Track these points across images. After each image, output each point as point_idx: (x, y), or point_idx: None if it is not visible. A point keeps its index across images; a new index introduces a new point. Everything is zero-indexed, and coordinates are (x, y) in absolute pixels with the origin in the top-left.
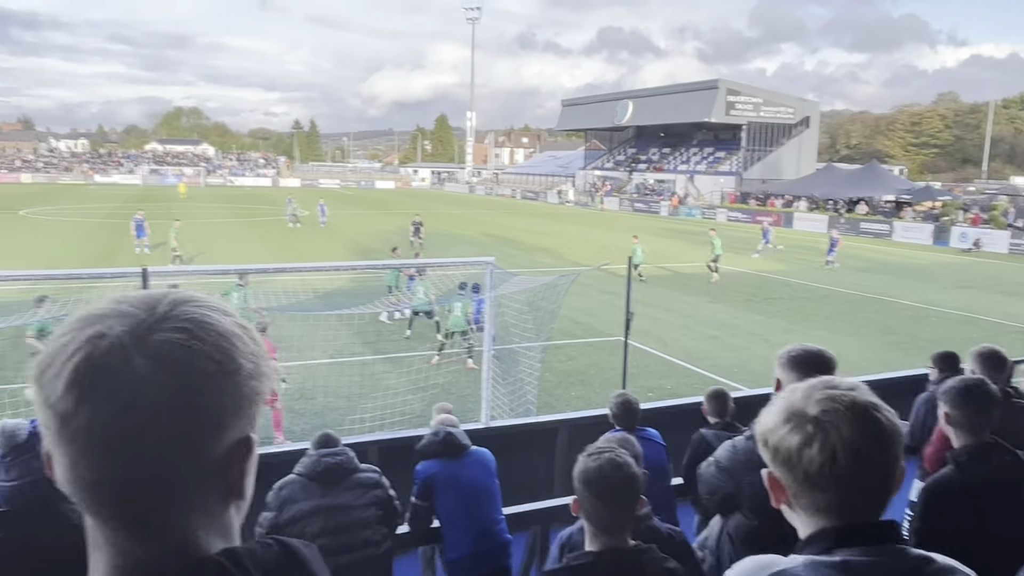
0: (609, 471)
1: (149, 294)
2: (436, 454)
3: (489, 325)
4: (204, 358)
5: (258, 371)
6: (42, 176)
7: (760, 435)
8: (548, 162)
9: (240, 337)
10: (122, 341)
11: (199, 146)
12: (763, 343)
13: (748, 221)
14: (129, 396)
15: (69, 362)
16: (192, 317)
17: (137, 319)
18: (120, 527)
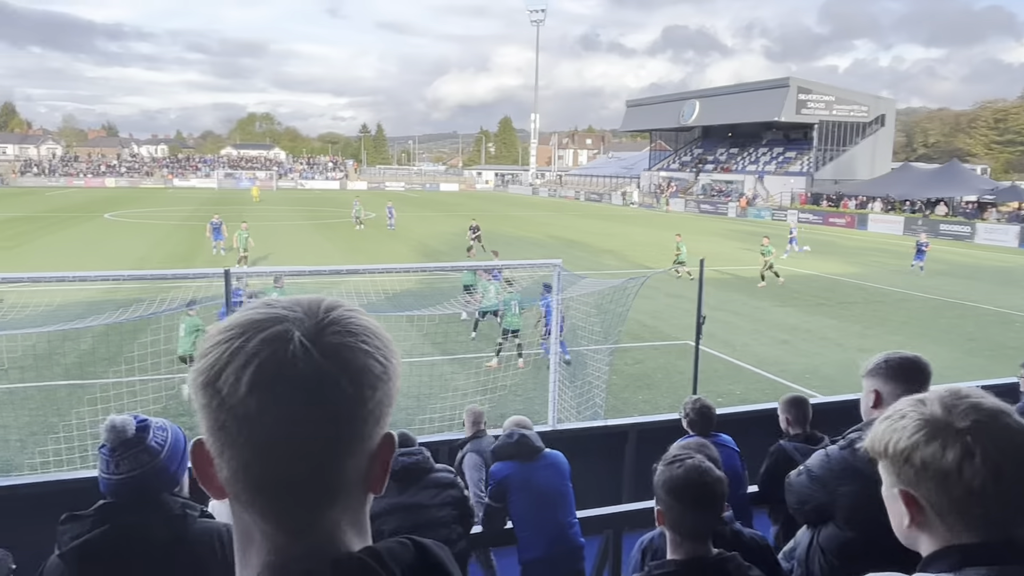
0: (695, 477)
1: (299, 299)
2: (510, 456)
3: (555, 328)
4: (373, 359)
5: (399, 372)
6: (125, 180)
7: (896, 452)
8: (612, 163)
9: (390, 340)
10: (303, 343)
11: (271, 150)
12: (836, 348)
13: (820, 223)
14: (312, 397)
15: (250, 364)
16: (354, 320)
17: (304, 322)
18: (280, 523)
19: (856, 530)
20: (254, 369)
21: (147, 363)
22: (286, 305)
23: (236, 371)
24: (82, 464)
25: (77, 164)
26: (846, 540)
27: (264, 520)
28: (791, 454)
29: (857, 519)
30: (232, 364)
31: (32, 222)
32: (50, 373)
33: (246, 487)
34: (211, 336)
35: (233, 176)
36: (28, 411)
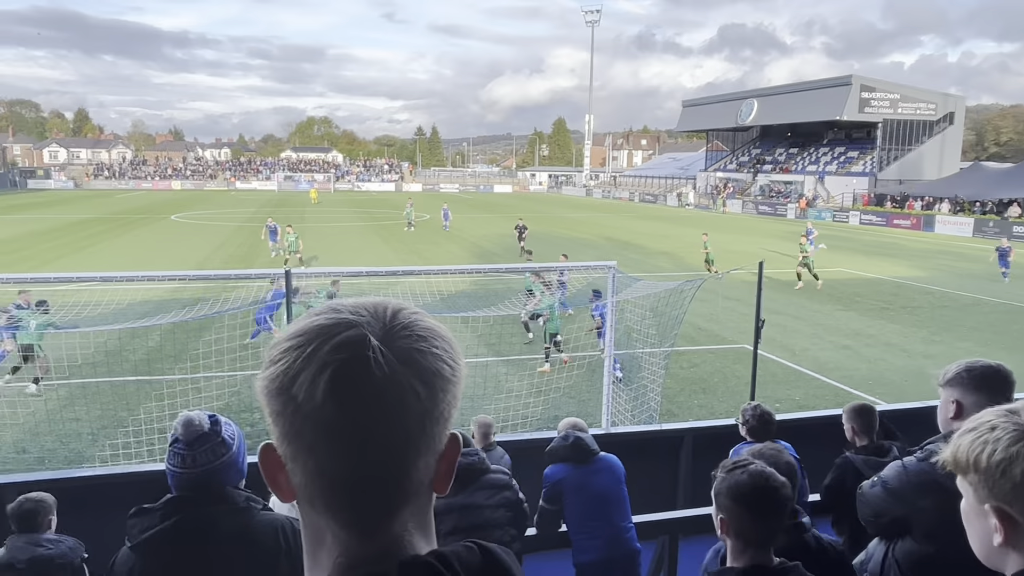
0: (761, 483)
1: (362, 303)
2: (565, 458)
3: (610, 330)
4: (442, 362)
5: (465, 372)
6: (190, 183)
7: (991, 466)
8: (667, 164)
9: (456, 341)
10: (379, 349)
11: (329, 153)
12: (901, 354)
13: (883, 224)
14: (388, 401)
15: (325, 371)
16: (422, 323)
17: (374, 326)
18: (353, 526)
19: (935, 545)
20: (330, 375)
21: (211, 360)
22: (352, 310)
23: (311, 377)
24: (149, 458)
25: (145, 167)
26: (924, 555)
27: (337, 523)
28: (858, 466)
29: (937, 534)
30: (307, 370)
31: (104, 223)
32: (120, 369)
33: (321, 491)
34: (280, 343)
35: (292, 178)
36: (99, 405)
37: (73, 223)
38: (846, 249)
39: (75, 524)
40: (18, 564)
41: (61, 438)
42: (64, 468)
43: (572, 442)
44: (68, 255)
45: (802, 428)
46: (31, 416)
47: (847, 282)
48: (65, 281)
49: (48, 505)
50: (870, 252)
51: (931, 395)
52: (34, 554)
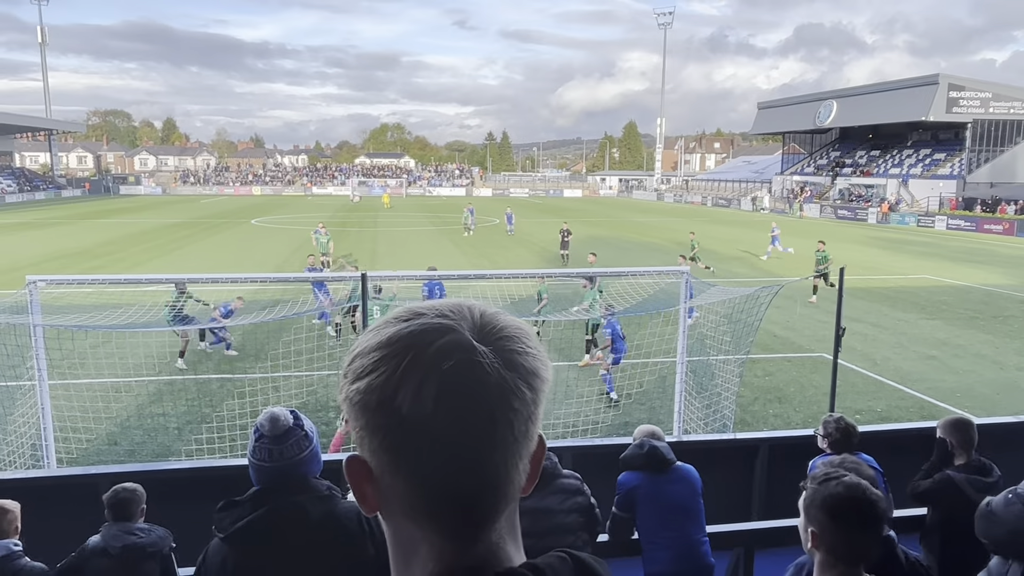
0: (858, 495)
1: (450, 305)
2: (640, 467)
3: (682, 337)
4: (539, 362)
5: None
6: (269, 189)
7: None
8: (742, 167)
9: (539, 339)
10: (481, 350)
11: (401, 159)
12: (992, 366)
13: (973, 229)
14: (500, 405)
15: (430, 378)
16: (511, 324)
17: (469, 329)
18: (455, 536)
19: None
20: (439, 383)
21: (289, 360)
22: (440, 312)
23: (418, 386)
24: (231, 453)
25: (227, 174)
26: None
27: (438, 533)
28: (959, 484)
29: None
30: (411, 379)
31: (189, 228)
32: (204, 367)
33: (425, 503)
34: (366, 352)
35: (366, 184)
36: (185, 401)
37: (161, 227)
38: (931, 255)
39: (160, 515)
40: (112, 550)
41: (149, 432)
42: (152, 461)
43: (647, 451)
44: (158, 257)
45: (885, 441)
46: (123, 410)
47: (932, 289)
48: (155, 282)
49: (140, 496)
50: (957, 258)
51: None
52: (127, 541)
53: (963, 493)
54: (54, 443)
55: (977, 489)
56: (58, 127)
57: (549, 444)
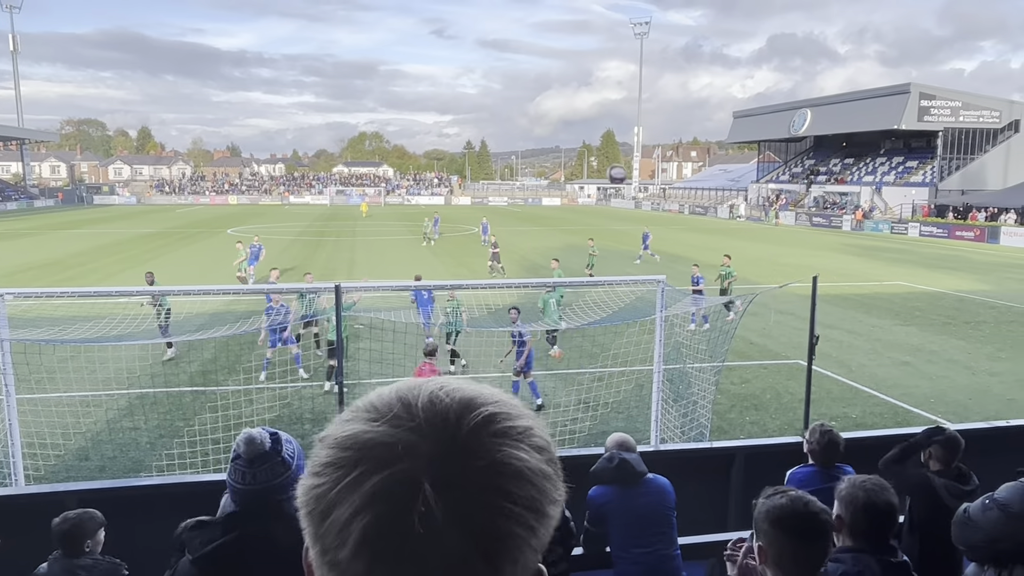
0: (800, 508)
1: (440, 410)
2: (610, 480)
3: (659, 345)
4: (516, 524)
5: (560, 507)
6: (246, 198)
7: None
8: (718, 176)
9: (549, 476)
10: (424, 500)
11: (380, 167)
12: (964, 371)
13: (945, 236)
14: (431, 567)
15: (359, 518)
16: (503, 461)
17: (438, 465)
18: None
19: None
20: (363, 527)
21: (262, 373)
22: (421, 426)
23: (346, 519)
24: (203, 467)
25: (203, 183)
26: None
27: None
28: (937, 489)
29: None
30: (343, 506)
31: (164, 238)
32: (176, 380)
33: None
34: (326, 446)
35: (344, 193)
36: (157, 415)
37: (136, 237)
38: (905, 262)
39: (131, 532)
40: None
41: (120, 447)
42: (123, 476)
43: (617, 464)
44: (131, 267)
45: (860, 448)
46: (93, 425)
47: (906, 296)
48: (127, 295)
49: (89, 526)
50: (930, 265)
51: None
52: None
53: (939, 497)
54: (22, 459)
55: (952, 495)
56: (31, 136)
57: None
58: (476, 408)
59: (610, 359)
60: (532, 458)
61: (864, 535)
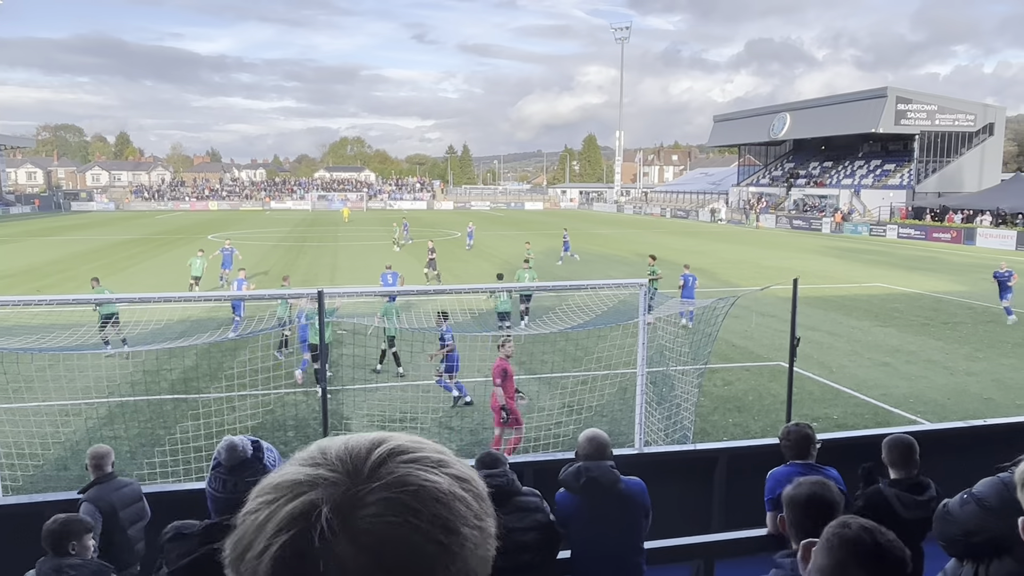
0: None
1: (353, 449)
2: (575, 492)
3: (642, 348)
4: (421, 539)
5: (484, 536)
6: (226, 203)
7: None
8: (699, 179)
9: (463, 499)
10: (327, 527)
11: (362, 172)
12: (942, 371)
13: (922, 238)
14: (329, 558)
15: (268, 552)
16: (406, 480)
17: (341, 490)
18: None
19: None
20: (271, 560)
21: (245, 380)
22: (332, 461)
23: (256, 557)
24: (185, 476)
25: (183, 189)
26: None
27: None
28: (889, 499)
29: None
30: (254, 548)
31: (143, 244)
32: (157, 388)
33: None
34: (249, 499)
35: (326, 198)
36: (138, 424)
37: (114, 244)
38: (884, 264)
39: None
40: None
41: None
42: None
43: (583, 484)
44: (109, 275)
45: (841, 448)
46: (72, 435)
47: (885, 297)
48: (105, 302)
49: (75, 528)
50: (908, 267)
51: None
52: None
53: (891, 508)
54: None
55: (905, 505)
56: (6, 142)
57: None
58: (387, 443)
59: (593, 362)
60: (442, 479)
61: (808, 535)
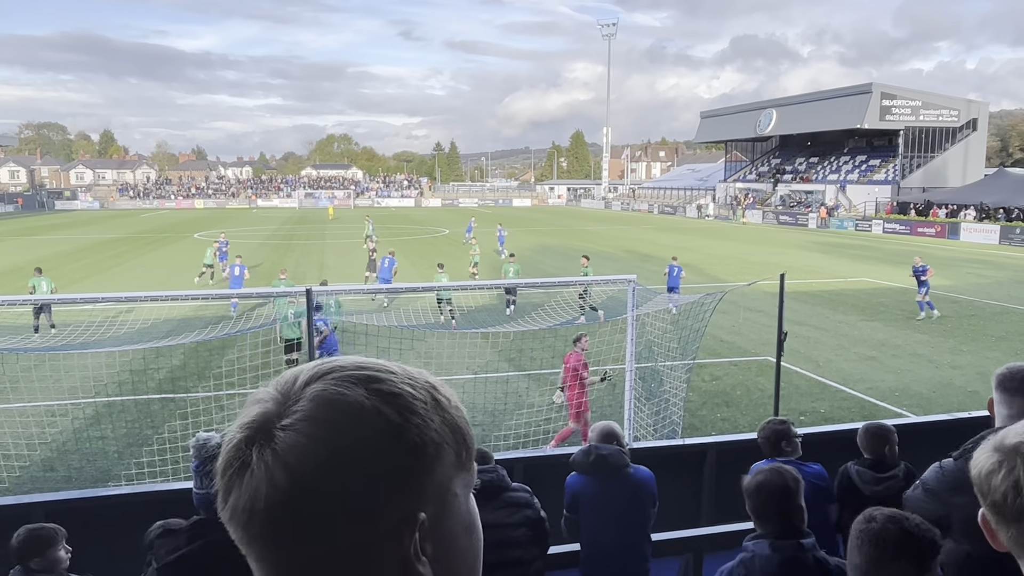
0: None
1: (294, 373)
2: (585, 471)
3: (631, 344)
4: (323, 448)
5: (393, 433)
6: (212, 202)
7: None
8: (686, 175)
9: (387, 416)
10: (248, 441)
11: (349, 170)
12: (928, 365)
13: (907, 233)
14: (253, 500)
15: (221, 457)
16: (317, 397)
17: (268, 410)
18: None
19: (971, 544)
20: (220, 465)
21: (234, 379)
22: (277, 383)
23: (222, 503)
24: (173, 476)
25: (169, 187)
26: (964, 554)
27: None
28: (851, 474)
29: (971, 532)
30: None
31: (129, 243)
32: (144, 387)
33: None
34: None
35: (313, 196)
36: (125, 424)
37: (99, 243)
38: (869, 258)
39: (101, 542)
40: None
41: (88, 456)
42: (90, 487)
43: (593, 460)
44: (95, 275)
45: (829, 442)
46: (59, 435)
47: (871, 292)
48: (91, 301)
49: (45, 538)
50: (894, 261)
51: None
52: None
53: (853, 484)
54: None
55: (864, 481)
56: None
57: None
58: (330, 365)
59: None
60: (354, 393)
61: (761, 519)
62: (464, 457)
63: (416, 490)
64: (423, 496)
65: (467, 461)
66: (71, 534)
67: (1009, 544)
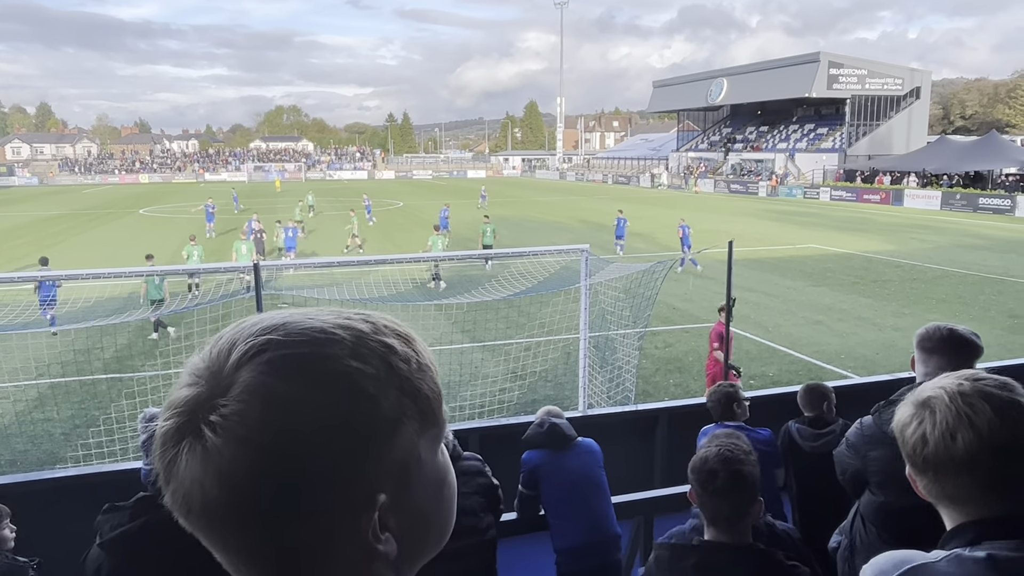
0: (723, 459)
1: (228, 344)
2: (540, 445)
3: (584, 313)
4: (247, 458)
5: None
6: (158, 176)
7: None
8: (640, 145)
9: (311, 403)
10: (179, 430)
11: (299, 142)
12: (872, 328)
13: (854, 200)
14: (188, 500)
15: (155, 442)
16: (249, 388)
17: (200, 394)
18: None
19: (887, 495)
20: (156, 441)
21: (181, 356)
22: (208, 358)
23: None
24: (122, 456)
25: (111, 161)
26: (880, 505)
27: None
28: (791, 432)
29: (886, 484)
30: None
31: (70, 220)
32: (90, 368)
33: None
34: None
35: (262, 169)
36: (71, 405)
37: (39, 220)
38: (817, 225)
39: (49, 525)
40: None
41: (33, 439)
42: (36, 470)
43: (547, 429)
44: (34, 253)
45: (777, 404)
46: (1, 418)
47: (818, 258)
48: (30, 280)
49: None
50: (840, 228)
51: (901, 367)
52: None
53: (794, 441)
54: None
55: (804, 438)
56: None
57: (455, 427)
58: (256, 336)
59: (536, 328)
60: (290, 385)
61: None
62: (430, 419)
63: (371, 475)
64: (380, 477)
65: (433, 421)
66: (17, 517)
67: (925, 492)
